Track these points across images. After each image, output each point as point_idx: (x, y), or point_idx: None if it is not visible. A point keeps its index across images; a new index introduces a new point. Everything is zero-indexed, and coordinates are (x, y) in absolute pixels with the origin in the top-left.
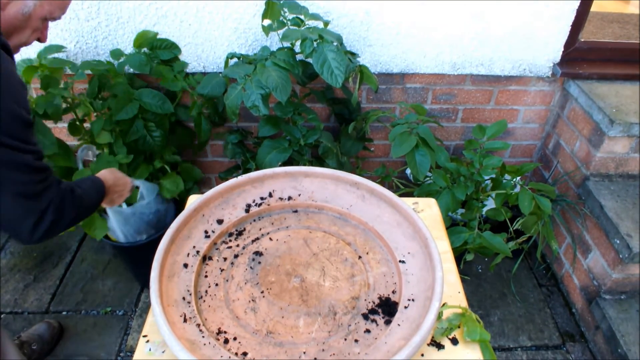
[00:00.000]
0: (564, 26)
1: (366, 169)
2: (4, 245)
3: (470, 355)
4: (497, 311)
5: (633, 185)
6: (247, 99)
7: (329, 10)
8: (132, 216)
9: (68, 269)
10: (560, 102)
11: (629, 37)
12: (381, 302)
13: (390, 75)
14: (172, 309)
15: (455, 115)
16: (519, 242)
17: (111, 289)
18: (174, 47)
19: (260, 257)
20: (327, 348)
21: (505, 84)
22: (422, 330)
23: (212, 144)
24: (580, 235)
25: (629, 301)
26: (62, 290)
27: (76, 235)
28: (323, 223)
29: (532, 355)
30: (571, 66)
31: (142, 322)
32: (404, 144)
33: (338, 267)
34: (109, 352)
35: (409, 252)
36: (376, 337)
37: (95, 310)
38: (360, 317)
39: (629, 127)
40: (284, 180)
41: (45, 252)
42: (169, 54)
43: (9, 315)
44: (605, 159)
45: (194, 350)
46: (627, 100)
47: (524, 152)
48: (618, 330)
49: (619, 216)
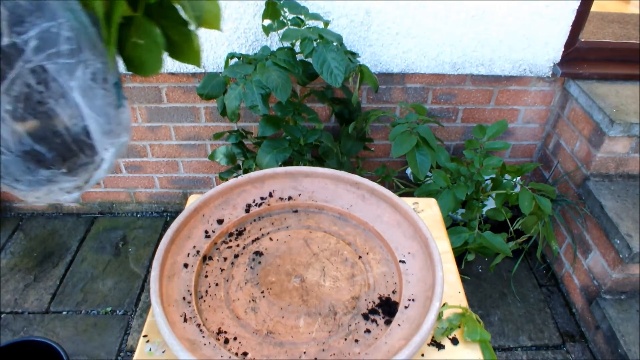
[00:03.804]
0: (564, 26)
1: (366, 169)
2: (4, 245)
3: (470, 355)
4: (497, 311)
5: (633, 185)
6: (247, 98)
7: (329, 10)
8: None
9: (68, 269)
10: (560, 102)
11: (629, 37)
12: (381, 302)
13: (391, 75)
14: (172, 309)
15: (455, 115)
16: (519, 242)
17: (111, 289)
18: None
19: (260, 257)
20: (327, 348)
21: (506, 84)
22: (423, 330)
23: (211, 144)
24: (580, 235)
25: (629, 301)
26: (62, 290)
27: (76, 235)
28: (323, 223)
29: (532, 355)
30: (571, 66)
31: (142, 322)
32: (404, 143)
33: (338, 267)
34: (109, 352)
35: (409, 252)
36: (376, 337)
37: (95, 310)
38: (361, 317)
39: (629, 127)
40: (284, 180)
41: (45, 252)
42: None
43: (9, 315)
44: (605, 159)
45: (194, 350)
46: (627, 100)
47: (524, 152)
48: (618, 330)
49: (619, 216)
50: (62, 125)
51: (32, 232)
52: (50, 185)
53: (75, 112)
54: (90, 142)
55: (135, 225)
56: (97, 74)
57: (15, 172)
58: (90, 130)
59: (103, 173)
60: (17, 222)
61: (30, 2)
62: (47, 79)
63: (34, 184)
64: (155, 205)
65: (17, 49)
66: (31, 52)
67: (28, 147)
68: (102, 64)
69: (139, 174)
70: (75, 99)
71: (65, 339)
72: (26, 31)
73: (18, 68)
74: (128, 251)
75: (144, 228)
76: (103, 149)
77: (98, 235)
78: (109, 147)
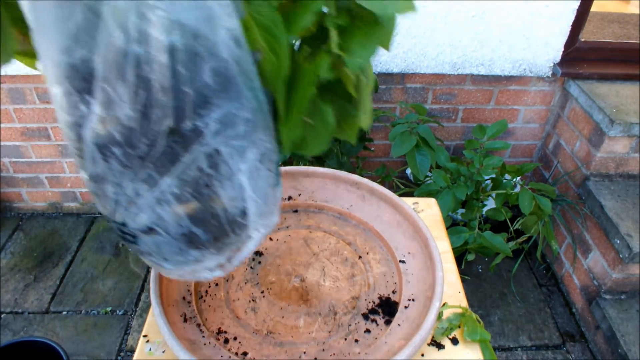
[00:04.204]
0: (564, 26)
1: (366, 168)
2: (4, 245)
3: (470, 355)
4: (497, 311)
5: (633, 185)
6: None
7: None
8: None
9: (68, 269)
10: (560, 102)
11: (629, 37)
12: (381, 302)
13: (391, 75)
14: (172, 308)
15: (455, 115)
16: (519, 242)
17: (111, 289)
18: None
19: (260, 257)
20: (327, 348)
21: (506, 84)
22: (423, 330)
23: None
24: (580, 235)
25: (629, 301)
26: (62, 290)
27: (76, 235)
28: (323, 223)
29: (532, 355)
30: (571, 66)
31: (142, 322)
32: (404, 143)
33: (338, 267)
34: (109, 352)
35: (409, 252)
36: (376, 337)
37: (95, 310)
38: (361, 317)
39: (629, 127)
40: (284, 180)
41: (45, 252)
42: None
43: (9, 315)
44: (605, 159)
45: (194, 350)
46: (627, 100)
47: (524, 152)
48: (618, 330)
49: (619, 216)
50: (222, 207)
51: (32, 232)
52: (196, 265)
53: (238, 194)
54: (244, 222)
55: None
56: (265, 155)
57: (167, 252)
58: (248, 212)
59: (248, 253)
60: (17, 222)
61: (216, 81)
62: (218, 162)
63: (181, 263)
64: None
65: (197, 132)
66: (211, 135)
67: (186, 230)
68: (270, 144)
69: None
70: (240, 181)
71: (65, 339)
72: (209, 113)
73: (194, 152)
74: (128, 251)
75: None
76: (255, 229)
77: (98, 235)
78: (261, 228)
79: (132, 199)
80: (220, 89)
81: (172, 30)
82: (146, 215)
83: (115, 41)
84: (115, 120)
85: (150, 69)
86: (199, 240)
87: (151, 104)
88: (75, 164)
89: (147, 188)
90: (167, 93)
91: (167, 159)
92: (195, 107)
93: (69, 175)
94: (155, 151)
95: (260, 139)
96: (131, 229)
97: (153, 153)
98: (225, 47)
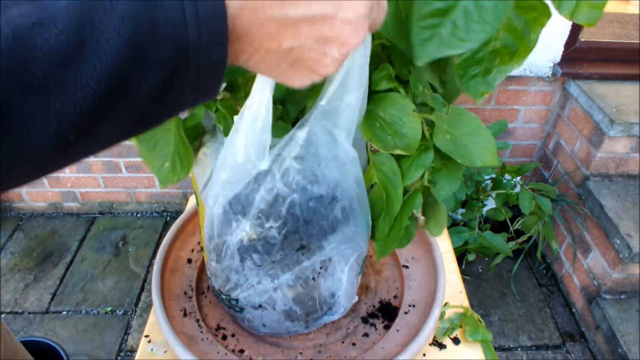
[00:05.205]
0: (564, 26)
1: None
2: (4, 245)
3: (472, 355)
4: (497, 311)
5: (633, 185)
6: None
7: None
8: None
9: (68, 269)
10: (560, 102)
11: (629, 37)
12: (382, 307)
13: None
14: (172, 303)
15: None
16: (519, 242)
17: (111, 289)
18: None
19: None
20: (323, 350)
21: (506, 83)
22: (421, 337)
23: None
24: (580, 235)
25: (629, 301)
26: (62, 290)
27: (76, 235)
28: None
29: (532, 355)
30: (571, 66)
31: (142, 321)
32: None
33: None
34: (109, 352)
35: (412, 257)
36: (374, 342)
37: (95, 310)
38: (360, 321)
39: (629, 127)
40: None
41: (45, 252)
42: None
43: (9, 315)
44: (605, 159)
45: (191, 345)
46: (627, 100)
47: (524, 152)
48: (618, 330)
49: (619, 216)
50: (319, 292)
51: (32, 232)
52: (284, 331)
53: (335, 285)
54: (333, 302)
55: (135, 225)
56: (360, 256)
57: (267, 321)
58: (338, 296)
59: (324, 323)
60: (17, 222)
61: (343, 215)
62: (328, 265)
63: (275, 329)
64: (155, 205)
65: (320, 247)
66: (329, 249)
67: (287, 307)
68: (365, 248)
69: (138, 173)
70: (339, 276)
71: (65, 338)
72: (334, 236)
73: (313, 259)
74: (128, 251)
75: (144, 228)
76: (341, 308)
77: (98, 235)
78: (345, 307)
79: (252, 285)
80: (344, 219)
81: (323, 184)
82: (260, 298)
83: (279, 190)
84: (262, 238)
85: (300, 210)
86: (295, 315)
87: (294, 232)
88: (207, 253)
89: (269, 280)
90: (309, 226)
91: (292, 263)
92: (326, 234)
93: (69, 175)
94: (287, 260)
95: (360, 246)
96: (242, 304)
97: (284, 261)
98: (351, 189)
